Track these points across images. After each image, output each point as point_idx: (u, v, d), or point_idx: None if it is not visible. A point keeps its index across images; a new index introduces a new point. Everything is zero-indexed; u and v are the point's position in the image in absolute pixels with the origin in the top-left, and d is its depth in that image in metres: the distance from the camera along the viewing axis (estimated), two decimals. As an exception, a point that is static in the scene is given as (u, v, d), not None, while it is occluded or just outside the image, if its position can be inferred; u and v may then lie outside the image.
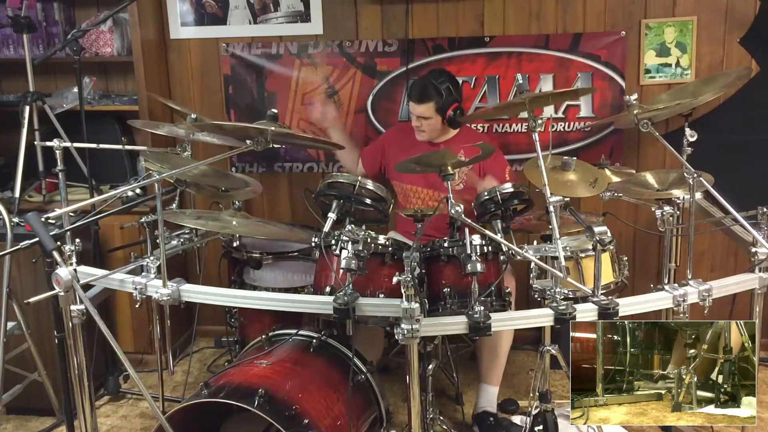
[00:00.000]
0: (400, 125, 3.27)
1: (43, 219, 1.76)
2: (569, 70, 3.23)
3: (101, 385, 3.08)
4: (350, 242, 1.99)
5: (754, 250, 2.02)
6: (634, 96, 2.33)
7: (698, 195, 2.56)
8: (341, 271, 1.97)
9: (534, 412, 2.40)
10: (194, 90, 3.51)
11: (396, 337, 1.79)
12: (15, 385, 2.81)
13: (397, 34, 3.31)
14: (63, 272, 1.75)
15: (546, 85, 3.24)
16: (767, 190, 2.81)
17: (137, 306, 2.07)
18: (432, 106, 2.78)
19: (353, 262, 1.93)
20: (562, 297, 1.92)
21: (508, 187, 2.24)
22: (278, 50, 3.39)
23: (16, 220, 2.66)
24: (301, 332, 2.31)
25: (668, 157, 3.24)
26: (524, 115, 2.09)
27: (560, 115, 3.28)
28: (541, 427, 2.34)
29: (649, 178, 2.48)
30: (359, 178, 2.25)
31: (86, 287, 2.01)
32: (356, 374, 2.18)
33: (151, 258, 2.12)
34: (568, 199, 2.10)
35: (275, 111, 2.12)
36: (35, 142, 2.99)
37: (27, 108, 3.00)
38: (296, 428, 1.87)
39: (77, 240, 1.96)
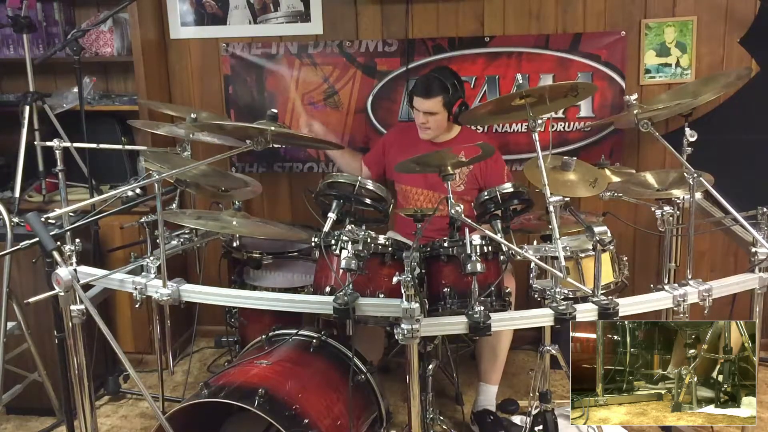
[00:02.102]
0: (399, 126, 3.27)
1: (43, 219, 1.76)
2: (569, 70, 3.23)
3: (101, 385, 3.08)
4: (350, 242, 1.99)
5: (754, 250, 2.02)
6: (634, 96, 2.33)
7: (698, 195, 2.56)
8: (341, 271, 1.97)
9: (534, 412, 2.40)
10: (194, 90, 3.51)
11: (396, 337, 1.78)
12: (15, 385, 2.81)
13: (397, 34, 3.31)
14: (63, 272, 1.75)
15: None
16: (767, 190, 2.81)
17: (137, 306, 2.07)
18: (440, 101, 2.77)
19: (353, 262, 1.92)
20: (562, 297, 1.91)
21: (508, 187, 2.23)
22: (278, 50, 3.39)
23: (16, 220, 2.65)
24: (301, 332, 2.31)
25: (668, 157, 3.24)
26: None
27: (560, 115, 3.28)
28: (541, 427, 2.34)
29: (649, 178, 2.48)
30: (359, 178, 2.25)
31: (86, 287, 2.00)
32: (356, 374, 2.18)
33: (151, 258, 2.12)
34: (568, 199, 2.10)
35: (275, 111, 2.12)
36: (35, 142, 2.99)
37: (27, 108, 3.01)
38: (296, 428, 1.87)
39: (77, 240, 1.96)
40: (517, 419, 2.76)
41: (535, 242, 2.20)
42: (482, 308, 1.85)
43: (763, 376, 3.12)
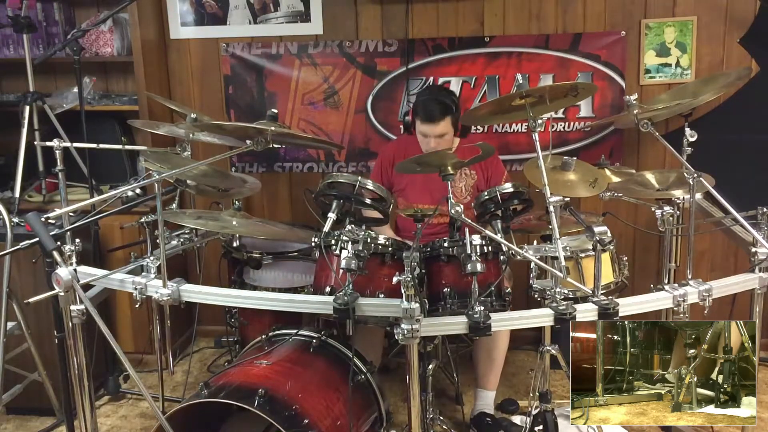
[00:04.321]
0: (398, 140, 3.23)
1: (43, 219, 1.76)
2: (569, 70, 3.23)
3: (101, 385, 3.08)
4: (350, 242, 1.99)
5: (754, 250, 2.02)
6: (634, 96, 2.33)
7: (698, 195, 2.56)
8: (341, 271, 1.97)
9: (534, 412, 2.40)
10: (194, 90, 3.51)
11: (396, 337, 1.78)
12: (15, 385, 2.81)
13: (397, 34, 3.32)
14: (63, 272, 1.75)
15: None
16: (767, 190, 2.81)
17: (137, 306, 2.07)
18: (449, 120, 2.72)
19: (353, 262, 1.93)
20: (562, 297, 1.91)
21: (508, 187, 2.24)
22: (278, 50, 3.39)
23: (16, 220, 2.66)
24: (301, 332, 2.31)
25: (668, 157, 3.24)
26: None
27: (560, 115, 3.28)
28: (541, 427, 2.34)
29: (650, 177, 2.48)
30: (359, 178, 2.24)
31: (86, 287, 2.00)
32: (356, 374, 2.17)
33: (151, 258, 2.12)
34: (568, 199, 2.10)
35: (275, 111, 2.12)
36: (35, 142, 2.99)
37: (27, 108, 3.00)
38: (296, 428, 1.87)
39: (77, 240, 1.96)
40: (517, 419, 2.76)
41: (535, 242, 2.20)
42: (482, 308, 1.85)
43: (763, 376, 3.12)
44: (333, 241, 2.09)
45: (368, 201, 2.25)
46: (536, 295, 2.20)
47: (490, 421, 2.70)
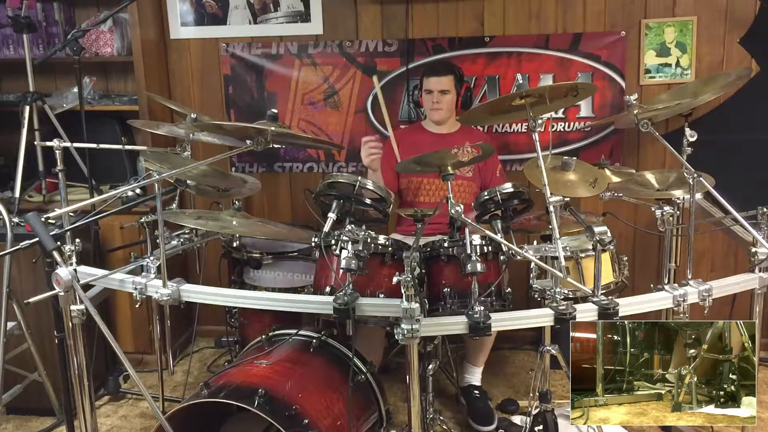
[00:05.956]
0: (399, 132, 3.24)
1: (43, 219, 1.76)
2: (569, 70, 3.23)
3: (101, 385, 3.08)
4: (350, 242, 1.99)
5: (754, 250, 2.02)
6: (634, 96, 2.34)
7: (698, 195, 2.56)
8: (341, 271, 1.97)
9: (534, 412, 2.40)
10: (194, 90, 3.51)
11: (396, 337, 1.78)
12: (15, 385, 2.81)
13: (397, 34, 3.32)
14: (63, 272, 1.75)
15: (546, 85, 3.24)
16: (767, 190, 2.81)
17: (137, 306, 2.07)
18: (452, 79, 2.93)
19: (353, 262, 1.92)
20: (562, 297, 1.91)
21: (508, 187, 2.24)
22: (278, 50, 3.39)
23: (16, 220, 2.65)
24: (301, 332, 2.31)
25: (668, 157, 3.24)
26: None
27: (560, 115, 3.28)
28: (541, 427, 2.34)
29: (650, 177, 2.48)
30: (359, 177, 2.25)
31: (86, 287, 2.00)
32: (356, 374, 2.18)
33: (151, 258, 2.12)
34: (568, 199, 2.10)
35: (275, 111, 2.12)
36: (35, 142, 2.99)
37: (27, 108, 3.01)
38: (296, 428, 1.87)
39: (77, 240, 1.96)
40: (517, 419, 2.76)
41: (535, 242, 2.20)
42: (482, 308, 1.85)
43: (763, 376, 3.12)
44: (333, 241, 2.09)
45: (368, 201, 2.25)
46: (536, 295, 2.20)
47: (478, 393, 2.79)
